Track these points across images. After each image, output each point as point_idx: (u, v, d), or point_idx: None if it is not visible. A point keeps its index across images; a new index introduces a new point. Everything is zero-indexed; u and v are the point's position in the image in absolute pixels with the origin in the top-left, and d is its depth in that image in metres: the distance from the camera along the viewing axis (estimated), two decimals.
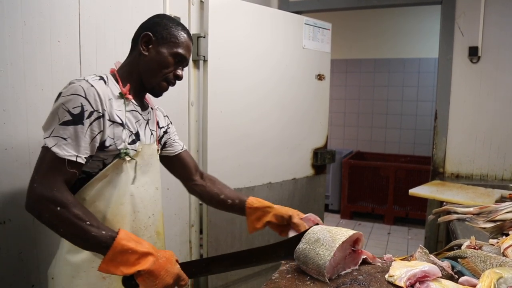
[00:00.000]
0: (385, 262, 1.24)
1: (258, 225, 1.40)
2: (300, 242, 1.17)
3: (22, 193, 1.38)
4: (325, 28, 2.90)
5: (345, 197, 4.91)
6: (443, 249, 1.42)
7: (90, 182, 1.12)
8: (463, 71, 2.80)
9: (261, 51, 2.50)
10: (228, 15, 2.30)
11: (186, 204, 2.31)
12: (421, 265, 1.02)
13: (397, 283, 1.02)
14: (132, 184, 1.18)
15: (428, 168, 3.10)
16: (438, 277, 1.01)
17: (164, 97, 2.10)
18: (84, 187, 1.12)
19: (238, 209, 1.43)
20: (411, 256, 1.23)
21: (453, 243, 1.42)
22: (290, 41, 2.67)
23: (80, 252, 1.12)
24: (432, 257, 1.15)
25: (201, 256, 2.41)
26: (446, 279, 1.03)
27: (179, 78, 1.26)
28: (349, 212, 4.93)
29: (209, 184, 1.49)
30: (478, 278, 1.00)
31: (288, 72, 2.68)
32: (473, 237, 1.36)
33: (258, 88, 2.51)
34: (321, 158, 2.94)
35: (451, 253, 1.25)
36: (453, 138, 2.87)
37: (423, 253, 1.17)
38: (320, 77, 2.91)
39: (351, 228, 1.22)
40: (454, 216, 1.79)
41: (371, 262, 1.23)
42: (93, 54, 1.62)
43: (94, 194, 1.12)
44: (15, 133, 1.36)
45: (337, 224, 4.69)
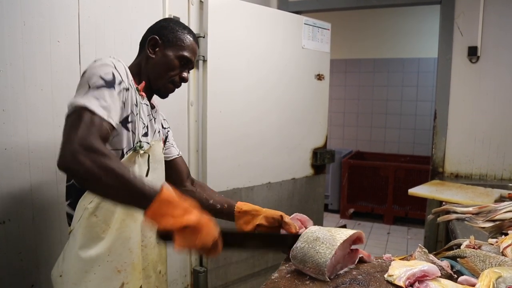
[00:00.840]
0: (384, 262, 1.24)
1: (247, 228, 1.36)
2: (298, 241, 1.16)
3: (22, 193, 1.39)
4: (325, 28, 2.90)
5: (345, 197, 4.91)
6: (443, 249, 1.42)
7: None
8: (463, 71, 2.80)
9: (261, 51, 2.50)
10: (228, 15, 2.30)
11: None
12: (421, 265, 1.03)
13: (396, 283, 1.02)
14: (146, 177, 1.20)
15: (428, 168, 3.10)
16: (437, 277, 1.01)
17: None
18: None
19: (227, 214, 1.41)
20: (411, 256, 1.23)
21: (453, 243, 1.42)
22: (290, 41, 2.67)
23: (95, 247, 1.11)
24: (432, 257, 1.15)
25: (201, 256, 2.41)
26: (445, 279, 1.04)
27: (185, 80, 1.29)
28: (349, 212, 4.94)
29: (199, 190, 1.47)
30: (477, 278, 1.00)
31: (288, 72, 2.68)
32: (472, 237, 1.36)
33: (258, 88, 2.51)
34: (321, 158, 2.94)
35: (451, 253, 1.25)
36: (453, 138, 2.88)
37: (423, 253, 1.17)
38: (320, 77, 2.91)
39: (350, 228, 1.22)
40: (454, 216, 1.79)
41: (367, 261, 1.24)
42: (93, 54, 1.62)
43: None
44: (15, 133, 1.36)
45: (337, 224, 4.69)
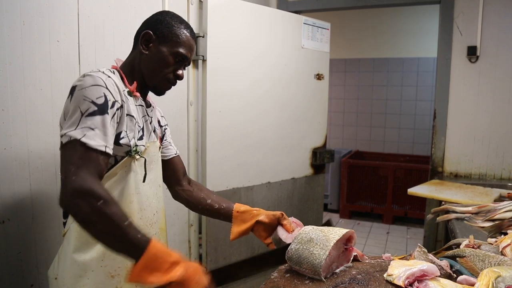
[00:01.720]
0: (384, 261, 1.24)
1: (243, 228, 1.34)
2: (292, 243, 1.17)
3: (21, 193, 1.39)
4: (324, 28, 2.90)
5: (344, 197, 4.91)
6: (442, 248, 1.42)
7: (102, 180, 1.08)
8: (462, 71, 2.80)
9: (260, 51, 2.50)
10: (227, 15, 2.30)
11: None
12: (420, 264, 1.03)
13: (396, 282, 1.02)
14: (143, 182, 1.18)
15: (427, 168, 3.10)
16: (437, 276, 1.01)
17: (163, 97, 2.10)
18: None
19: (225, 214, 1.39)
20: (410, 255, 1.23)
21: (452, 242, 1.43)
22: (289, 41, 2.67)
23: (89, 251, 1.10)
24: (431, 256, 1.15)
25: (200, 256, 2.41)
26: (445, 278, 1.04)
27: (180, 78, 1.24)
28: (348, 212, 4.94)
29: (196, 190, 1.44)
30: (477, 277, 1.01)
31: (287, 72, 2.68)
32: (472, 236, 1.36)
33: (257, 88, 2.51)
34: (320, 158, 2.94)
35: (450, 252, 1.26)
36: (452, 138, 2.88)
37: (422, 252, 1.17)
38: (319, 77, 2.91)
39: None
40: (453, 215, 1.80)
41: (360, 260, 1.24)
42: (92, 54, 1.62)
43: None
44: (14, 133, 1.36)
45: (336, 224, 4.69)
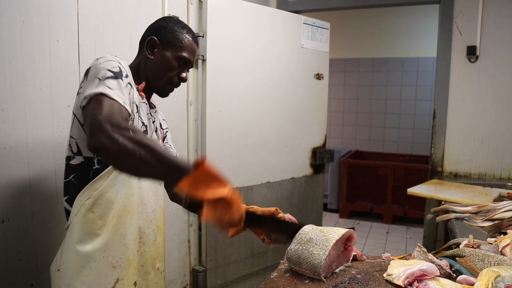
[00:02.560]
0: (383, 261, 1.24)
1: (240, 225, 1.31)
2: (292, 243, 1.16)
3: (21, 192, 1.39)
4: (324, 28, 2.90)
5: (344, 196, 4.91)
6: (442, 248, 1.42)
7: (104, 173, 1.14)
8: (462, 70, 2.80)
9: (260, 51, 2.50)
10: (227, 15, 2.30)
11: None
12: (420, 264, 1.03)
13: (395, 282, 1.02)
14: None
15: (427, 167, 3.10)
16: (436, 276, 1.01)
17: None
18: (98, 178, 1.14)
19: None
20: (410, 255, 1.23)
21: (451, 242, 1.43)
22: (289, 41, 2.67)
23: (91, 242, 1.13)
24: (431, 256, 1.15)
25: (200, 256, 2.41)
26: (444, 278, 1.04)
27: (184, 80, 1.31)
28: (348, 211, 4.94)
29: None
30: (476, 277, 1.01)
31: (287, 72, 2.68)
32: (471, 236, 1.36)
33: (257, 88, 2.51)
34: (320, 158, 2.94)
35: (449, 252, 1.26)
36: (452, 137, 2.88)
37: (422, 252, 1.17)
38: (319, 77, 2.91)
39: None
40: (453, 215, 1.80)
41: (359, 260, 1.25)
42: (92, 54, 1.62)
43: (107, 185, 1.14)
44: (14, 133, 1.36)
45: (336, 224, 4.69)
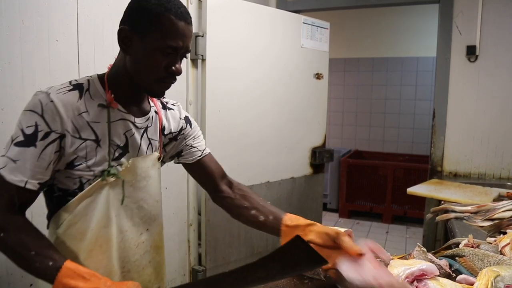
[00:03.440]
0: (383, 260, 1.24)
1: None
2: None
3: None
4: (323, 27, 2.90)
5: (343, 196, 4.91)
6: (441, 248, 1.42)
7: (71, 202, 0.99)
8: (461, 70, 2.80)
9: (260, 50, 2.50)
10: (226, 14, 2.30)
11: (185, 204, 2.31)
12: (419, 264, 1.03)
13: None
14: (122, 204, 1.06)
15: (426, 167, 3.10)
16: (436, 276, 1.01)
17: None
18: (65, 207, 1.00)
19: (271, 228, 1.14)
20: (409, 255, 1.23)
21: (451, 242, 1.43)
22: (288, 40, 2.67)
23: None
24: (430, 256, 1.15)
25: (200, 255, 2.41)
26: (444, 278, 1.04)
27: (176, 73, 1.00)
28: (347, 211, 4.94)
29: (238, 197, 1.24)
30: (476, 277, 1.01)
31: (286, 71, 2.67)
32: (471, 236, 1.36)
33: (256, 87, 2.50)
34: (320, 157, 2.94)
35: (449, 252, 1.26)
36: (451, 137, 2.88)
37: (421, 252, 1.17)
38: (318, 76, 2.91)
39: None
40: (452, 215, 1.80)
41: None
42: (91, 53, 1.62)
43: (76, 215, 1.00)
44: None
45: (335, 223, 4.69)
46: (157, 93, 1.05)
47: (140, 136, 1.09)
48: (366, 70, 5.45)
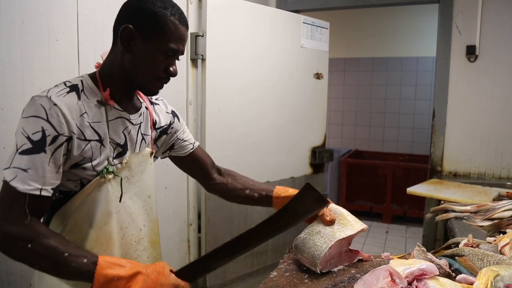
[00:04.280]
0: (383, 260, 1.24)
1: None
2: (302, 232, 1.21)
3: None
4: (323, 27, 2.90)
5: (343, 196, 4.92)
6: (441, 247, 1.42)
7: (71, 201, 1.01)
8: (461, 70, 2.80)
9: (259, 50, 2.50)
10: (226, 14, 2.30)
11: (185, 203, 2.31)
12: (419, 263, 1.03)
13: None
14: (120, 202, 1.08)
15: (426, 167, 3.10)
16: (436, 275, 1.01)
17: (162, 96, 2.11)
18: (65, 206, 1.02)
19: (265, 202, 1.33)
20: (409, 254, 1.23)
21: (451, 241, 1.43)
22: (288, 40, 2.67)
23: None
24: (430, 255, 1.15)
25: (200, 255, 2.41)
26: (444, 277, 1.04)
27: (173, 75, 1.06)
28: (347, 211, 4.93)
29: (230, 181, 1.36)
30: (476, 276, 1.01)
31: (286, 71, 2.68)
32: (471, 235, 1.37)
33: (256, 87, 2.51)
34: (319, 157, 2.94)
35: (449, 251, 1.26)
36: (451, 137, 2.88)
37: (421, 251, 1.17)
38: (318, 76, 2.91)
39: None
40: (452, 215, 1.80)
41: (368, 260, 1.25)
42: (91, 53, 1.62)
43: (76, 214, 1.02)
44: (13, 132, 1.35)
45: None
46: (153, 92, 1.08)
47: (136, 133, 1.12)
48: (366, 70, 5.45)
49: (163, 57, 1.01)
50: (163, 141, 1.27)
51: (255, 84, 2.50)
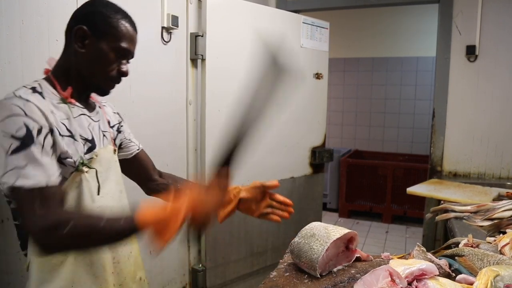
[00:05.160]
0: (382, 260, 1.24)
1: (229, 209, 1.28)
2: (296, 236, 1.21)
3: None
4: (323, 27, 2.90)
5: (343, 196, 4.92)
6: (441, 247, 1.42)
7: None
8: (461, 70, 2.80)
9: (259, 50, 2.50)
10: (226, 14, 2.30)
11: None
12: (419, 263, 1.03)
13: None
14: (98, 195, 1.09)
15: (426, 167, 3.10)
16: (436, 275, 1.01)
17: (161, 96, 2.11)
18: None
19: None
20: (409, 255, 1.23)
21: (451, 241, 1.43)
22: (288, 40, 2.67)
23: (55, 279, 1.03)
24: (430, 255, 1.15)
25: (200, 255, 2.41)
26: (444, 277, 1.04)
27: (125, 75, 1.10)
28: (347, 211, 4.94)
29: (171, 181, 1.38)
30: (476, 276, 1.01)
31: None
32: (471, 235, 1.37)
33: None
34: (319, 157, 2.94)
35: (449, 251, 1.26)
36: (451, 137, 2.88)
37: (421, 251, 1.17)
38: (318, 76, 2.91)
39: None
40: (452, 215, 1.80)
41: (366, 260, 1.25)
42: None
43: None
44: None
45: (335, 223, 4.69)
46: (105, 91, 1.12)
47: (98, 129, 1.15)
48: (366, 70, 5.45)
49: (115, 56, 1.06)
50: (118, 140, 1.29)
51: None
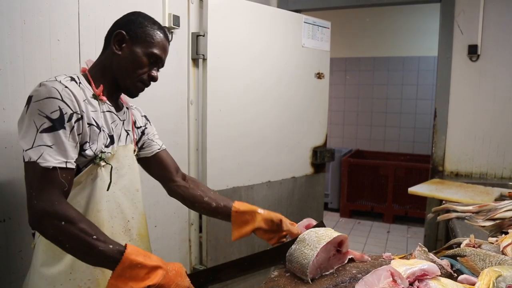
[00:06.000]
0: (384, 260, 1.24)
1: (245, 231, 1.31)
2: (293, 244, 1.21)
3: (22, 191, 1.38)
4: (324, 27, 2.90)
5: (345, 196, 4.91)
6: (443, 248, 1.42)
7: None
8: (463, 69, 2.80)
9: (261, 50, 2.50)
10: (227, 14, 2.30)
11: None
12: (420, 264, 1.03)
13: None
14: (107, 191, 1.13)
15: (428, 167, 3.10)
16: (437, 276, 1.01)
17: (163, 96, 2.11)
18: None
19: (223, 213, 1.35)
20: (410, 255, 1.23)
21: (452, 242, 1.43)
22: (289, 40, 2.67)
23: (56, 264, 1.07)
24: (431, 256, 1.15)
25: (201, 255, 2.41)
26: (445, 278, 1.04)
27: (154, 80, 1.20)
28: (349, 211, 4.94)
29: (192, 186, 1.40)
30: (477, 277, 1.00)
31: (288, 71, 2.67)
32: (472, 236, 1.36)
33: (258, 87, 2.50)
34: (321, 157, 2.94)
35: (450, 252, 1.26)
36: (453, 137, 2.87)
37: (422, 252, 1.17)
38: (320, 76, 2.91)
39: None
40: (454, 215, 1.80)
41: (363, 261, 1.25)
42: (93, 53, 1.62)
43: (71, 200, 1.05)
44: (15, 132, 1.35)
45: (336, 223, 4.69)
46: (134, 93, 1.21)
47: (121, 128, 1.22)
48: (367, 70, 5.44)
49: (147, 61, 1.16)
50: (141, 142, 1.36)
51: (256, 84, 2.49)
